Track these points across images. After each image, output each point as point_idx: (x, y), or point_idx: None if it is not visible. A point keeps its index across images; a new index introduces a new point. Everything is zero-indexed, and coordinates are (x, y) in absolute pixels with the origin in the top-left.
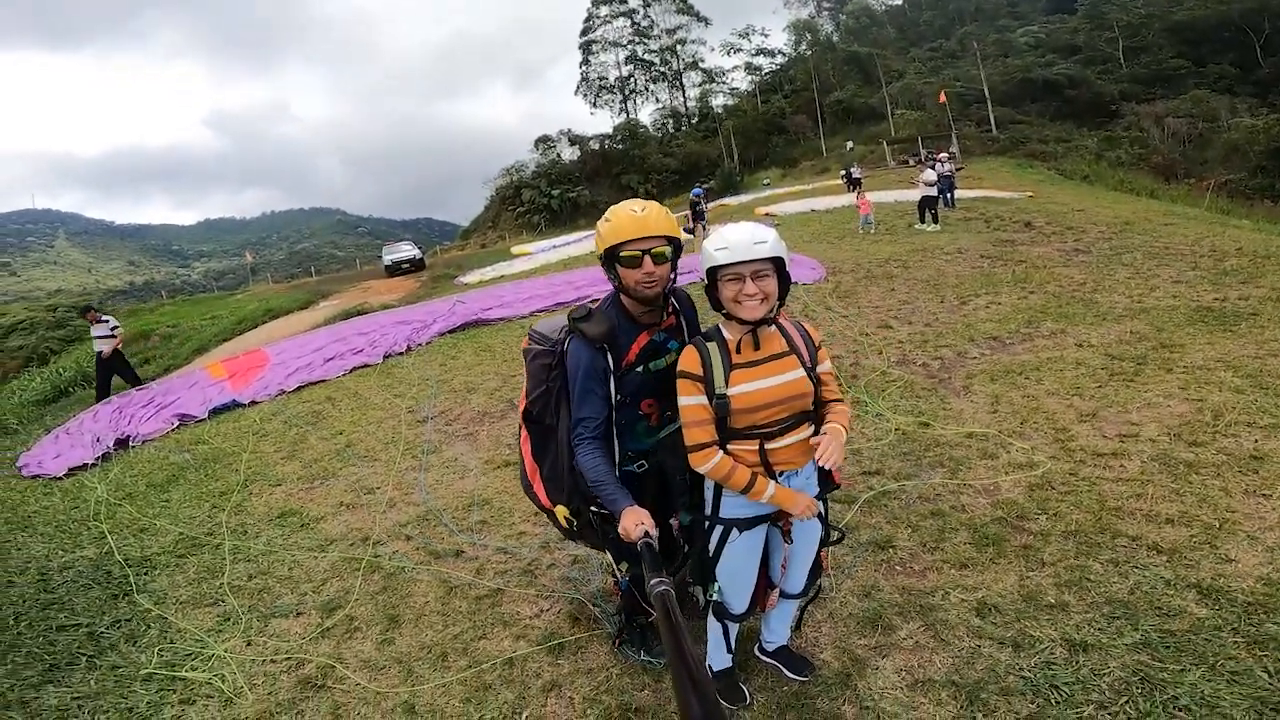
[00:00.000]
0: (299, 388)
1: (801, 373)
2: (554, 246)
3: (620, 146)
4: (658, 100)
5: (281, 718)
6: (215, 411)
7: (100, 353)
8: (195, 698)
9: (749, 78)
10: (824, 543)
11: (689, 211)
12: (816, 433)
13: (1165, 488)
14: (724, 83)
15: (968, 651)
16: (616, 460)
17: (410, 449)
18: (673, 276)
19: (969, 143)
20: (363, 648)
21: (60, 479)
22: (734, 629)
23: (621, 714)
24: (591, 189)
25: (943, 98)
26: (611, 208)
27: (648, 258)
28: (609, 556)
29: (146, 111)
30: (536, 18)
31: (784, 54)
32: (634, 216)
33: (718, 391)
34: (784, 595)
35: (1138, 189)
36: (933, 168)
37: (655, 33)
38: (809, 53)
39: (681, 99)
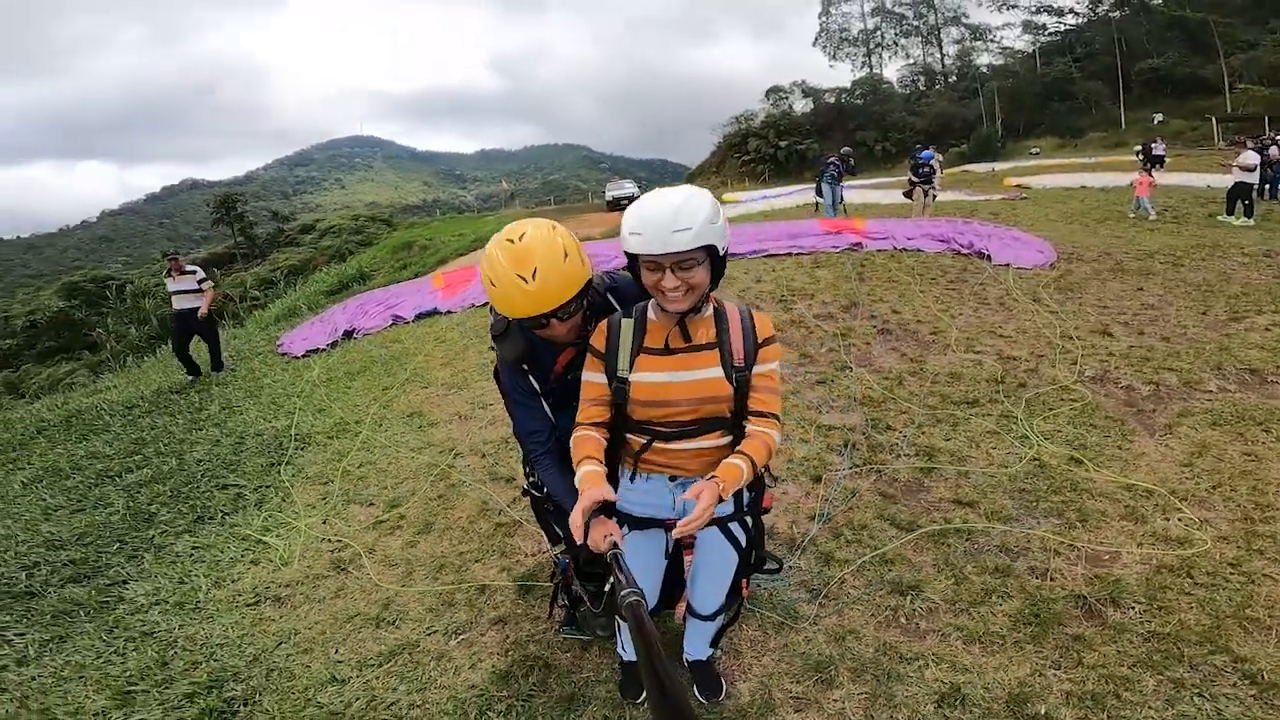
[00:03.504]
0: (485, 303)
1: (718, 373)
2: (764, 197)
3: (859, 101)
4: (908, 56)
5: (301, 587)
6: (420, 316)
7: (193, 311)
8: (261, 560)
9: (1026, 37)
10: (748, 569)
11: (910, 175)
12: (733, 446)
13: None
14: (993, 40)
15: None
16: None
17: None
18: (585, 309)
19: None
20: (393, 545)
21: (298, 358)
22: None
23: (537, 666)
24: (822, 143)
25: None
26: (491, 253)
27: (553, 321)
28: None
29: (446, 54)
30: None
31: (1077, 14)
32: (524, 291)
33: (619, 373)
34: (691, 612)
35: None
36: (1261, 150)
37: None
38: (1115, 14)
39: (938, 55)
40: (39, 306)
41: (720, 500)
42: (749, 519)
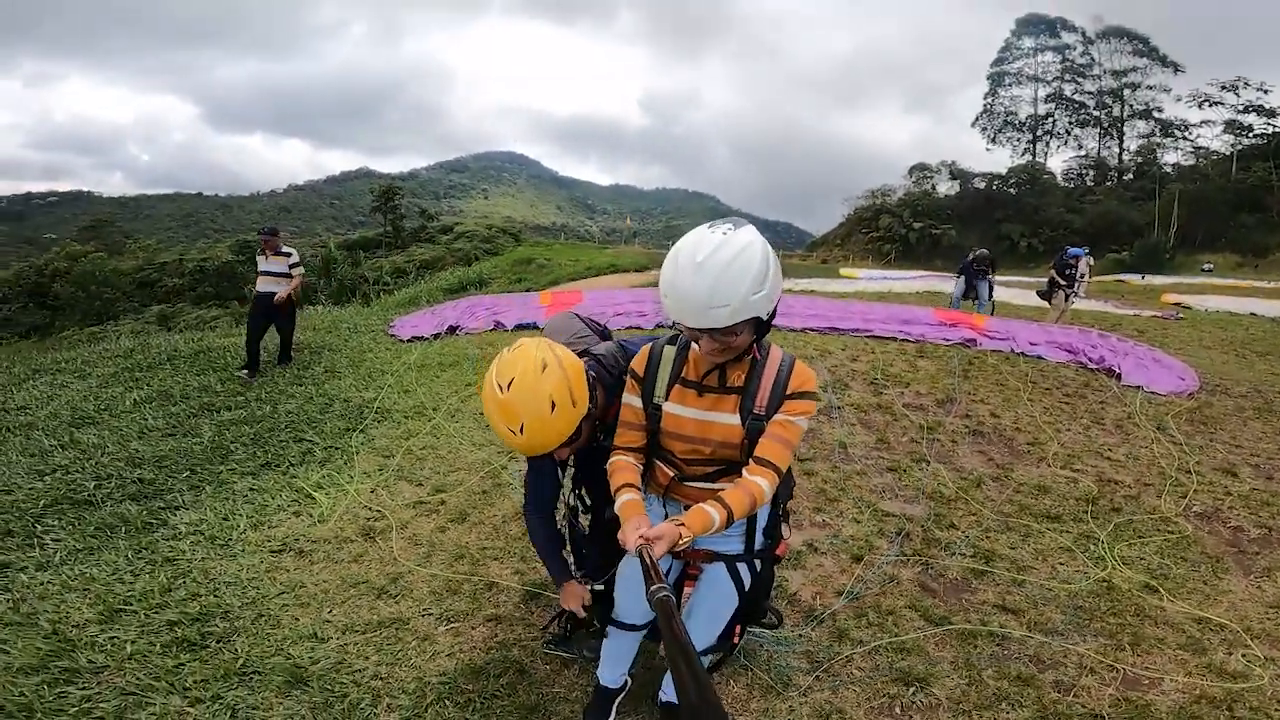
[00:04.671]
0: None
1: (734, 420)
2: (885, 278)
3: (1011, 190)
4: (1080, 146)
5: (326, 545)
6: (520, 327)
7: (271, 296)
8: (303, 511)
9: (1227, 137)
10: (744, 616)
11: (1053, 272)
12: None
13: None
14: (1186, 138)
15: None
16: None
17: None
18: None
19: None
20: (424, 526)
21: (403, 341)
22: (623, 645)
23: (512, 669)
24: (962, 230)
25: None
26: (485, 390)
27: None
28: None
29: (604, 85)
30: (950, 39)
31: None
32: (514, 440)
33: (654, 399)
34: None
35: None
36: None
37: (1095, 72)
38: None
39: (1115, 149)
40: (211, 256)
41: (679, 544)
42: (758, 563)
